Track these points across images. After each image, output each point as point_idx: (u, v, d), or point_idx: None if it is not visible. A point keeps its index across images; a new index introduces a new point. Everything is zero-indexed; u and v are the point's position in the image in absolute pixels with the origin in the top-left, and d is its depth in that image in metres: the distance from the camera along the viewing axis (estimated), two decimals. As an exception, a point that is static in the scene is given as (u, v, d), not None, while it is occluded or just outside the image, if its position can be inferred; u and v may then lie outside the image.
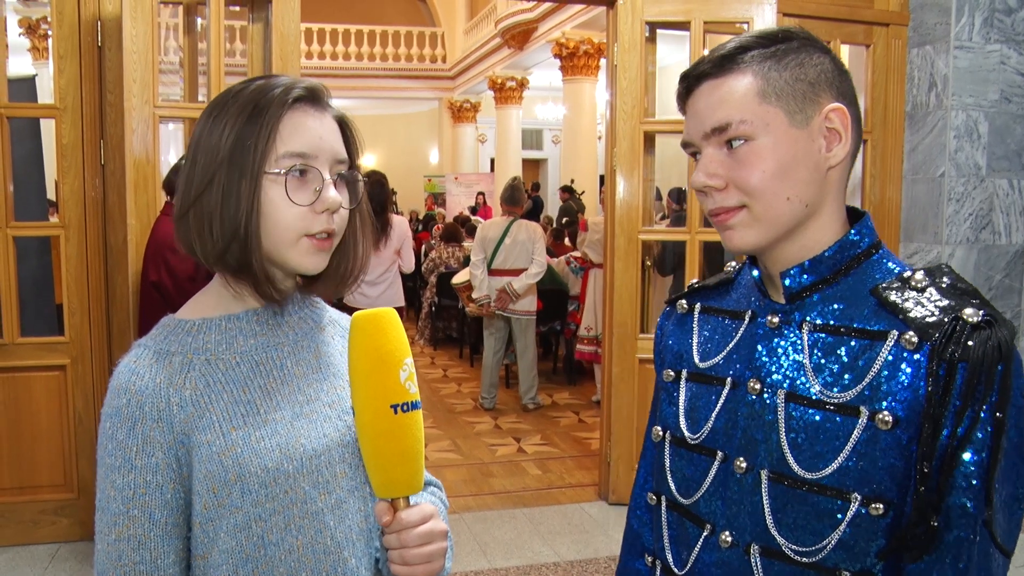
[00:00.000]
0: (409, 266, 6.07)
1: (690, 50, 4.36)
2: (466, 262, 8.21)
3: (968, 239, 4.76)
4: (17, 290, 3.90)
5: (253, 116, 1.05)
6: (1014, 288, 4.89)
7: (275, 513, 1.06)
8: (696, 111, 1.07)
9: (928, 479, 0.94)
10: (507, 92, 17.31)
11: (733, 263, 1.25)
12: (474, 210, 15.24)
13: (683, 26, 4.38)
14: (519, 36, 14.73)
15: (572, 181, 13.98)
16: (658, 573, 1.21)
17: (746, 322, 1.13)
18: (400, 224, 5.97)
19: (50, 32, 3.88)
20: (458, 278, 7.30)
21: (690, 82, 1.08)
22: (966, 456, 0.93)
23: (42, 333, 4.05)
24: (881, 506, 0.97)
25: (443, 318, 9.24)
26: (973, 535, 0.94)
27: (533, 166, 21.33)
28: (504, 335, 6.72)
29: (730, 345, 1.14)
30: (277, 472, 1.06)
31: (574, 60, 13.94)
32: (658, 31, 4.58)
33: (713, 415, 1.12)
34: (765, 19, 4.29)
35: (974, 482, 0.94)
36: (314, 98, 1.10)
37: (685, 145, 1.11)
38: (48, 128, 4.09)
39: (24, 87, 4.35)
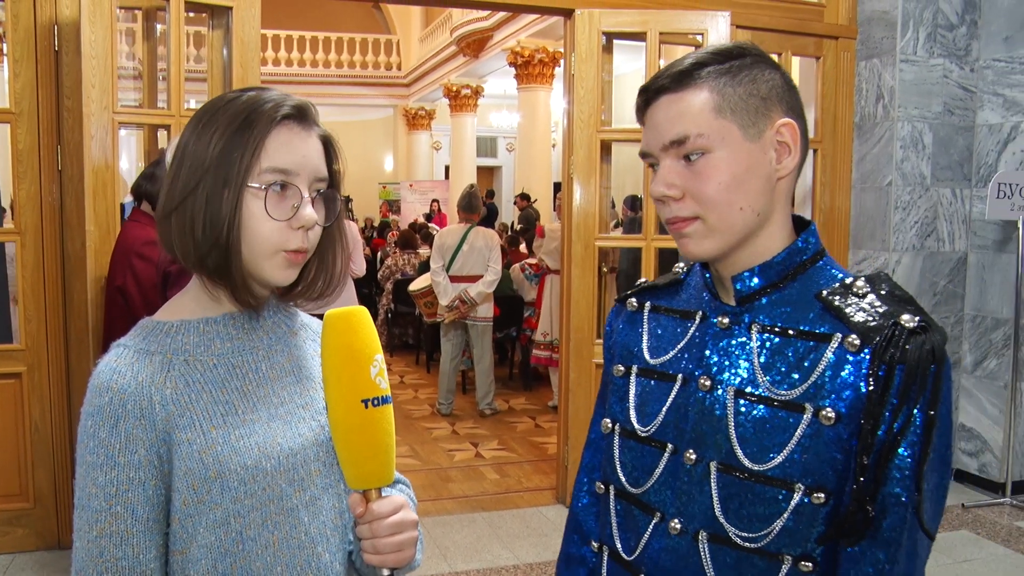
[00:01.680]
0: (360, 270, 6.22)
1: (646, 60, 4.44)
2: (422, 268, 8.23)
3: (914, 246, 4.91)
4: (-29, 297, 3.84)
5: (241, 129, 1.08)
6: (957, 294, 5.05)
7: (253, 509, 1.09)
8: (655, 124, 1.12)
9: (866, 471, 1.01)
10: (462, 100, 17.35)
11: (682, 264, 1.31)
12: (429, 217, 15.26)
13: (639, 36, 4.46)
14: (474, 44, 14.77)
15: (523, 190, 14.06)
16: (605, 559, 1.26)
17: (697, 322, 1.19)
18: (350, 229, 6.05)
19: (4, 36, 3.84)
20: (415, 285, 7.31)
21: (649, 95, 1.13)
22: (901, 450, 1.01)
23: (-3, 340, 4.00)
24: (822, 495, 1.04)
25: (400, 325, 9.25)
26: (904, 521, 1.02)
27: (488, 173, 21.38)
28: (461, 341, 6.76)
29: (681, 343, 1.20)
30: (256, 470, 1.09)
31: (529, 68, 14.04)
32: (615, 41, 4.66)
33: (664, 409, 1.18)
34: (719, 31, 4.38)
35: (907, 473, 1.02)
36: (302, 116, 1.13)
37: (644, 155, 1.15)
38: (3, 133, 4.03)
39: (-22, 91, 4.28)
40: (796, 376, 1.08)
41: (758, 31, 4.72)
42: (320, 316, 1.38)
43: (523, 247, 9.67)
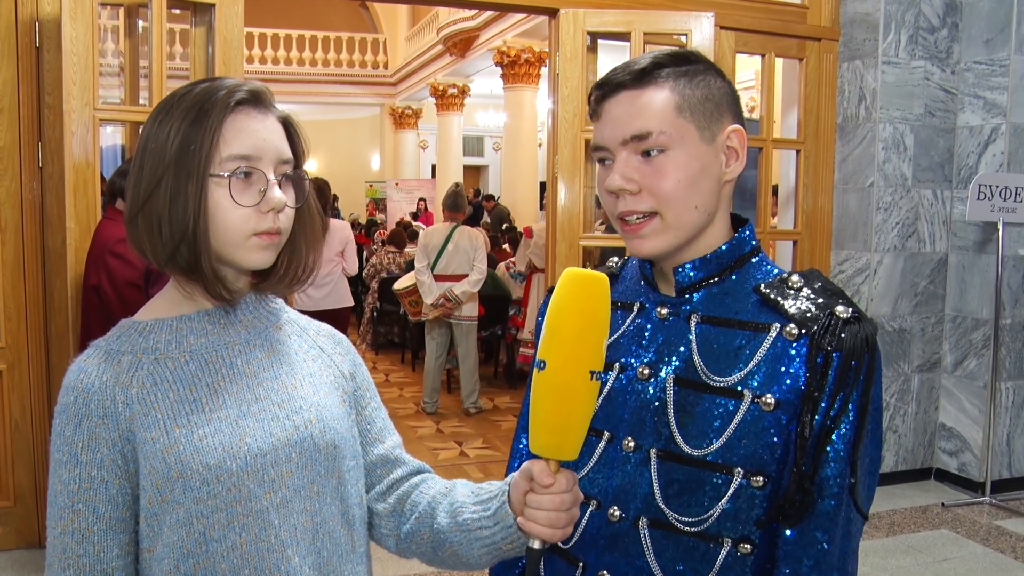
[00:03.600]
0: (352, 268, 6.21)
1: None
2: (407, 267, 8.22)
3: (895, 247, 4.94)
4: (-50, 294, 3.81)
5: (197, 119, 1.07)
6: (938, 294, 5.09)
7: (217, 510, 1.06)
8: (613, 117, 1.13)
9: (805, 454, 1.06)
10: (448, 99, 17.34)
11: (615, 259, 1.34)
12: (415, 216, 15.24)
13: (624, 36, 4.47)
14: (461, 44, 14.77)
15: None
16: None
17: (635, 312, 1.22)
18: (342, 228, 6.09)
19: (-14, 32, 3.81)
20: (399, 284, 7.31)
21: (607, 90, 1.15)
22: (837, 434, 1.07)
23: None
24: (761, 479, 1.08)
25: (385, 323, 9.23)
26: (841, 503, 1.08)
27: (474, 172, 21.41)
28: (446, 340, 6.75)
29: (617, 333, 1.22)
30: (219, 470, 1.06)
31: (515, 68, 14.06)
32: (599, 41, 4.67)
33: (600, 398, 1.18)
34: (703, 31, 4.39)
35: (842, 456, 1.07)
36: (257, 100, 1.12)
37: (596, 149, 1.17)
38: (-16, 130, 4.01)
39: (-42, 88, 4.25)
40: (735, 364, 1.11)
41: (742, 32, 4.74)
42: (311, 313, 1.37)
43: (506, 246, 9.68)
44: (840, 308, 1.08)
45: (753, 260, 1.18)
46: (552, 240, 4.59)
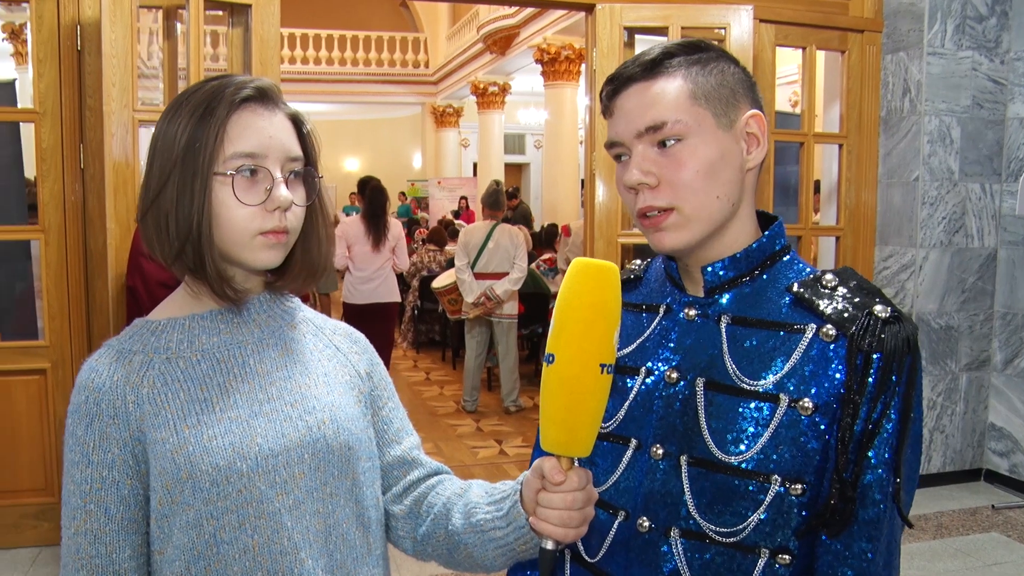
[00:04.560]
0: (403, 265, 6.33)
1: (668, 55, 4.39)
2: (448, 265, 8.23)
3: (942, 242, 4.83)
4: (-4, 294, 3.89)
5: (203, 117, 1.06)
6: (986, 291, 4.96)
7: (227, 512, 1.05)
8: (626, 111, 1.10)
9: (847, 460, 1.01)
10: (489, 97, 17.34)
11: (638, 261, 1.30)
12: (457, 214, 15.28)
13: (661, 32, 4.42)
14: (501, 41, 14.76)
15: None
16: (568, 563, 1.22)
17: (660, 314, 1.17)
18: (395, 226, 6.20)
19: (30, 36, 3.88)
20: (438, 282, 7.31)
21: (617, 84, 1.12)
22: (879, 439, 1.02)
23: (22, 337, 4.04)
24: (800, 487, 1.03)
25: (426, 321, 9.25)
26: (885, 509, 1.03)
27: (516, 170, 21.39)
28: (486, 338, 6.75)
29: (643, 336, 1.17)
30: (229, 471, 1.05)
31: (555, 65, 13.99)
32: (636, 36, 4.62)
33: (626, 404, 1.14)
34: (741, 25, 4.33)
35: (886, 461, 1.02)
36: (263, 97, 1.10)
37: (611, 145, 1.14)
38: (28, 132, 4.09)
39: (4, 91, 4.34)
40: (769, 366, 1.06)
41: (782, 25, 4.66)
42: (362, 306, 1.34)
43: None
44: (878, 308, 1.03)
45: (784, 259, 1.14)
46: (591, 238, 4.55)
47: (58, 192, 3.88)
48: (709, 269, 1.12)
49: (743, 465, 1.05)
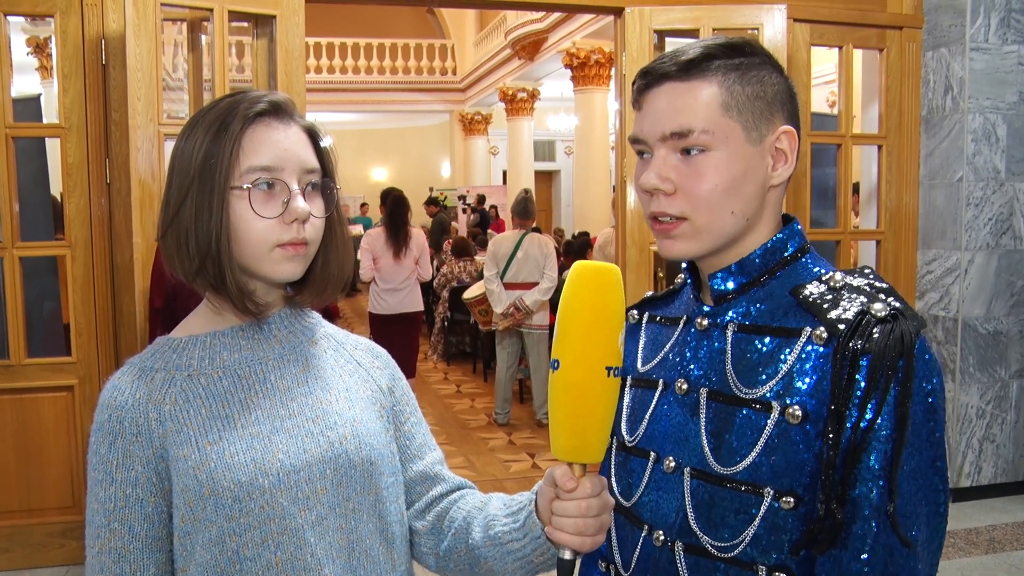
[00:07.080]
0: (427, 275, 6.28)
1: (700, 57, 4.30)
2: (479, 276, 8.15)
3: (988, 244, 4.67)
4: (24, 310, 3.87)
5: (219, 133, 1.07)
6: (1036, 294, 4.79)
7: (250, 528, 1.05)
8: (655, 110, 1.07)
9: (833, 471, 0.94)
10: (518, 103, 17.28)
11: (682, 276, 1.29)
12: (483, 216, 15.23)
13: (692, 34, 4.32)
14: (529, 47, 14.70)
15: (432, 189, 13.80)
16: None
17: (681, 326, 1.16)
18: (417, 236, 6.18)
19: (55, 51, 3.87)
20: (469, 293, 7.25)
21: (651, 79, 1.08)
22: (870, 449, 0.94)
23: (49, 353, 4.02)
24: (792, 500, 0.98)
25: (456, 333, 9.18)
26: (877, 527, 0.94)
27: (546, 178, 21.29)
28: (517, 349, 6.65)
29: (664, 348, 1.17)
30: (251, 487, 1.05)
31: (585, 70, 13.88)
32: (667, 39, 4.53)
33: (647, 417, 1.14)
34: (775, 25, 4.23)
35: (877, 474, 0.94)
36: (277, 110, 1.11)
37: (635, 141, 1.10)
38: (53, 147, 4.07)
39: (29, 106, 4.33)
40: (765, 373, 1.02)
41: (817, 24, 4.55)
42: (387, 317, 1.32)
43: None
44: (878, 305, 0.96)
45: (800, 261, 1.09)
46: (622, 245, 4.45)
47: (84, 207, 3.85)
48: (715, 278, 1.11)
49: (736, 476, 1.02)
